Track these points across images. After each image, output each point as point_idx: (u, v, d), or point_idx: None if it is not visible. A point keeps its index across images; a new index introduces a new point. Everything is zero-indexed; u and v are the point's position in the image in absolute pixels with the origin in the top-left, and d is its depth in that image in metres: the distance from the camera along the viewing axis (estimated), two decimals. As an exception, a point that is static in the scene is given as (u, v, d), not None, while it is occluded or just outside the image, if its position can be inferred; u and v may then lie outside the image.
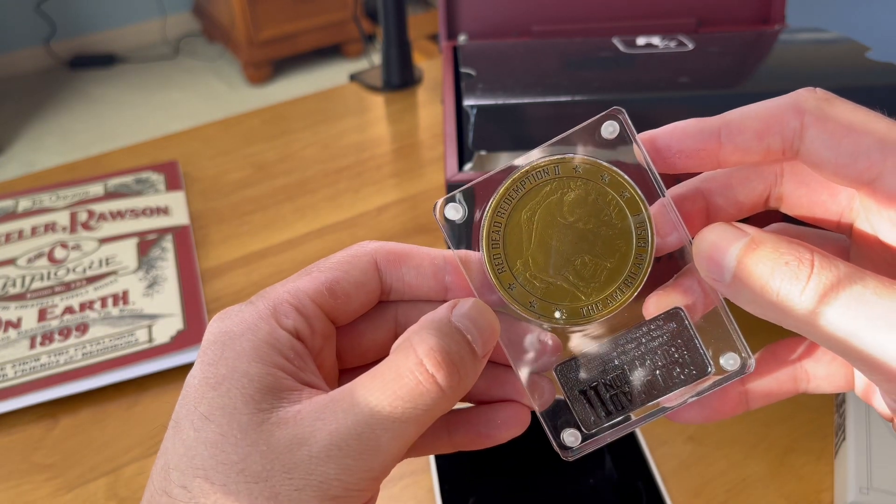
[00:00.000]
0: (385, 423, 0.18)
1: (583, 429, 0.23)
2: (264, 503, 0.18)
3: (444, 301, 0.23)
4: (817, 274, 0.17)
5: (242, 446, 0.18)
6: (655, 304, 0.22)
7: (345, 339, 0.24)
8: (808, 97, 0.20)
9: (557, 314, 0.22)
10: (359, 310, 0.23)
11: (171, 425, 0.20)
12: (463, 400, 0.24)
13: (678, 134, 0.21)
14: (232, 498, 0.18)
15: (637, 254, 0.22)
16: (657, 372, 0.22)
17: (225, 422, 0.19)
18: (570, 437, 0.23)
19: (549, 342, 0.23)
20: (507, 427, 0.23)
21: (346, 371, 0.24)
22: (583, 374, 0.23)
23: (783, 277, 0.18)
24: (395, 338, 0.23)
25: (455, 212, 0.22)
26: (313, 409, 0.19)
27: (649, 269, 0.22)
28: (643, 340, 0.22)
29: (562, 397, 0.23)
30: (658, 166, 0.21)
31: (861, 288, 0.17)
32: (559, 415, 0.23)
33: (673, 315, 0.22)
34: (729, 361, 0.23)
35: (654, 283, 0.22)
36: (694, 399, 0.23)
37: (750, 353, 0.23)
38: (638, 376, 0.23)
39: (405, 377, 0.19)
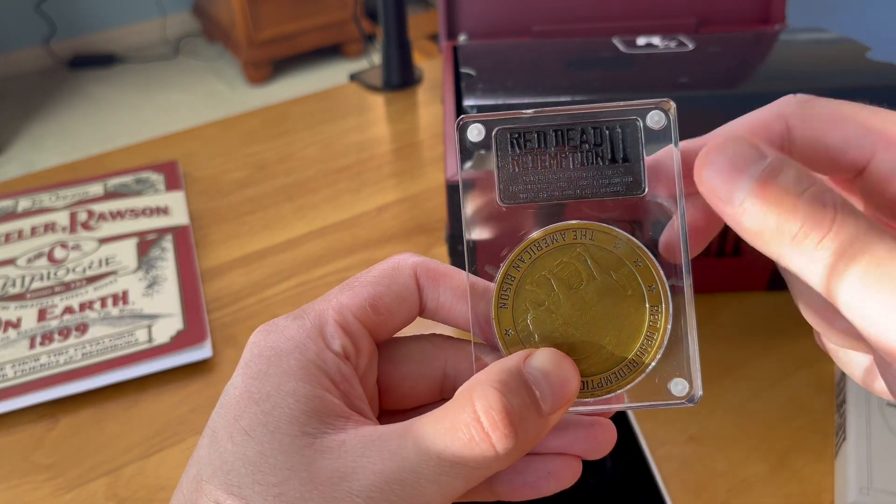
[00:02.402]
0: (431, 475, 0.17)
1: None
2: None
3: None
4: (839, 224, 0.15)
5: (282, 469, 0.18)
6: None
7: (389, 380, 0.23)
8: (788, 101, 0.19)
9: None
10: (399, 326, 0.22)
11: (206, 433, 0.19)
12: None
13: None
14: None
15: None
16: (589, 168, 0.21)
17: (266, 440, 0.18)
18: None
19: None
20: (555, 479, 0.21)
21: (387, 413, 0.23)
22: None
23: (804, 218, 0.16)
24: (442, 386, 0.23)
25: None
26: (359, 442, 0.18)
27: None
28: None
29: None
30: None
31: (884, 251, 0.15)
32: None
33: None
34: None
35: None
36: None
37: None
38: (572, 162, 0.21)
39: (459, 431, 0.18)
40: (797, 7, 0.82)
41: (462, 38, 0.66)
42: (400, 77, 0.82)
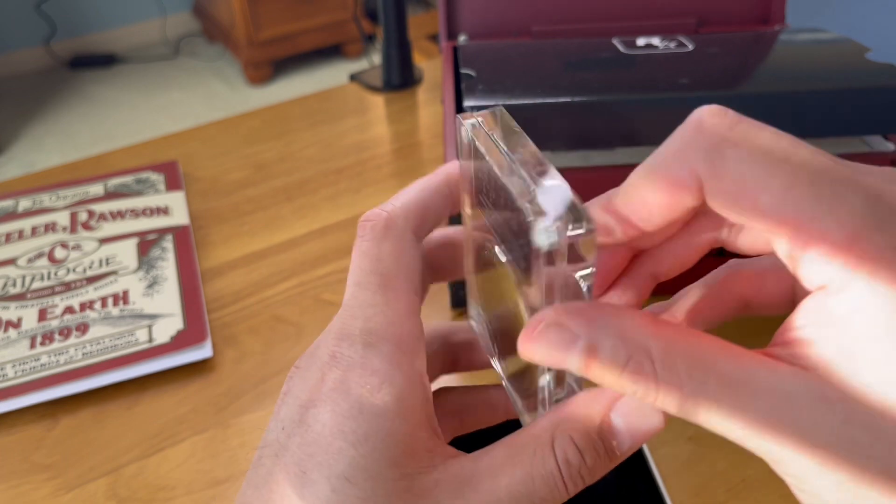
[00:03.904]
0: None
1: None
2: None
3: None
4: (664, 384, 0.16)
5: None
6: None
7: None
8: (697, 164, 0.17)
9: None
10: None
11: (294, 472, 0.18)
12: None
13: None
14: None
15: None
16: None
17: (370, 486, 0.18)
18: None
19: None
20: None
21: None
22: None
23: (633, 391, 0.17)
24: (444, 365, 0.25)
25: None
26: (453, 483, 0.18)
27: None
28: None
29: None
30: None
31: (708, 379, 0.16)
32: None
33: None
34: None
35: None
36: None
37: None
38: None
39: (547, 480, 0.18)
40: (797, 7, 0.82)
41: (462, 38, 0.66)
42: (400, 77, 0.82)
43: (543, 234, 0.17)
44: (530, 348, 0.18)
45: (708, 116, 0.18)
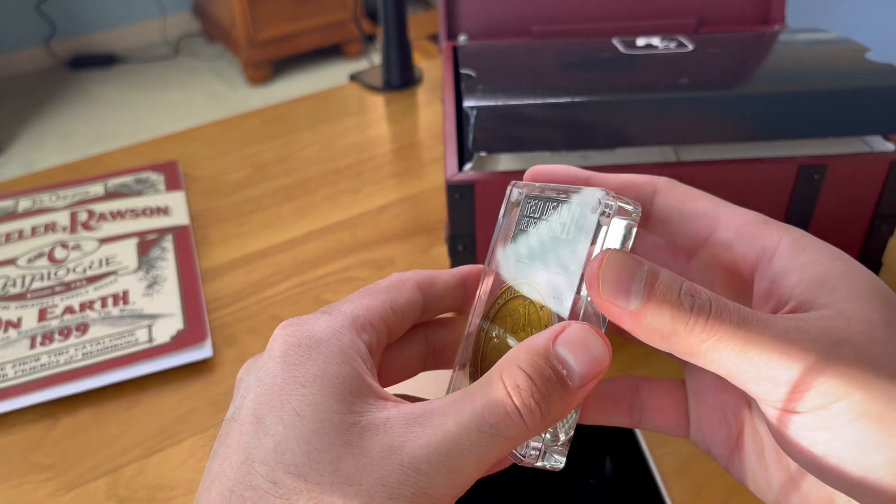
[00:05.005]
0: (471, 446, 0.19)
1: None
2: None
3: (465, 307, 0.25)
4: (715, 307, 0.19)
5: (336, 446, 0.19)
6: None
7: (383, 357, 0.25)
8: (659, 178, 0.24)
9: None
10: (406, 327, 0.24)
11: (249, 421, 0.20)
12: None
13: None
14: (326, 497, 0.18)
15: None
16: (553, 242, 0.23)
17: (318, 419, 0.19)
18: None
19: None
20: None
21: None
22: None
23: (689, 308, 0.19)
24: (425, 356, 0.26)
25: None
26: (403, 420, 0.19)
27: None
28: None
29: None
30: None
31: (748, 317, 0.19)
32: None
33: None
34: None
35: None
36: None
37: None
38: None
39: (495, 407, 0.19)
40: (797, 7, 0.82)
41: (462, 38, 0.66)
42: (400, 77, 0.82)
43: (601, 201, 0.21)
44: (602, 276, 0.20)
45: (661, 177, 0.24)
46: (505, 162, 0.48)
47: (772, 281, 0.21)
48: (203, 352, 0.48)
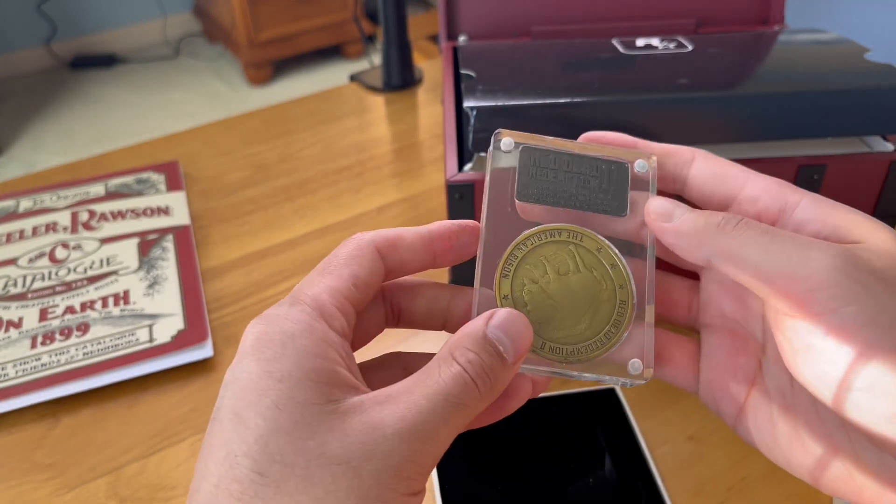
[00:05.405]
0: (444, 415, 0.21)
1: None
2: (348, 483, 0.19)
3: (433, 266, 0.26)
4: (745, 222, 0.23)
5: (320, 433, 0.20)
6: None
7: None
8: (699, 150, 0.28)
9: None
10: (370, 297, 0.25)
11: (226, 417, 0.20)
12: None
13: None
14: (315, 480, 0.19)
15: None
16: (586, 189, 0.27)
17: (298, 411, 0.20)
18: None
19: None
20: (513, 397, 0.25)
21: None
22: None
23: (717, 218, 0.24)
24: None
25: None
26: (376, 401, 0.21)
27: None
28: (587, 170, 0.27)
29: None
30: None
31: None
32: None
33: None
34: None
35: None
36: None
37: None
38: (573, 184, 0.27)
39: (457, 380, 0.21)
40: (796, 8, 0.82)
41: (462, 38, 0.66)
42: (400, 77, 0.83)
43: (643, 163, 0.27)
44: (676, 227, 0.24)
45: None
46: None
47: (794, 229, 0.24)
48: (204, 351, 0.48)
